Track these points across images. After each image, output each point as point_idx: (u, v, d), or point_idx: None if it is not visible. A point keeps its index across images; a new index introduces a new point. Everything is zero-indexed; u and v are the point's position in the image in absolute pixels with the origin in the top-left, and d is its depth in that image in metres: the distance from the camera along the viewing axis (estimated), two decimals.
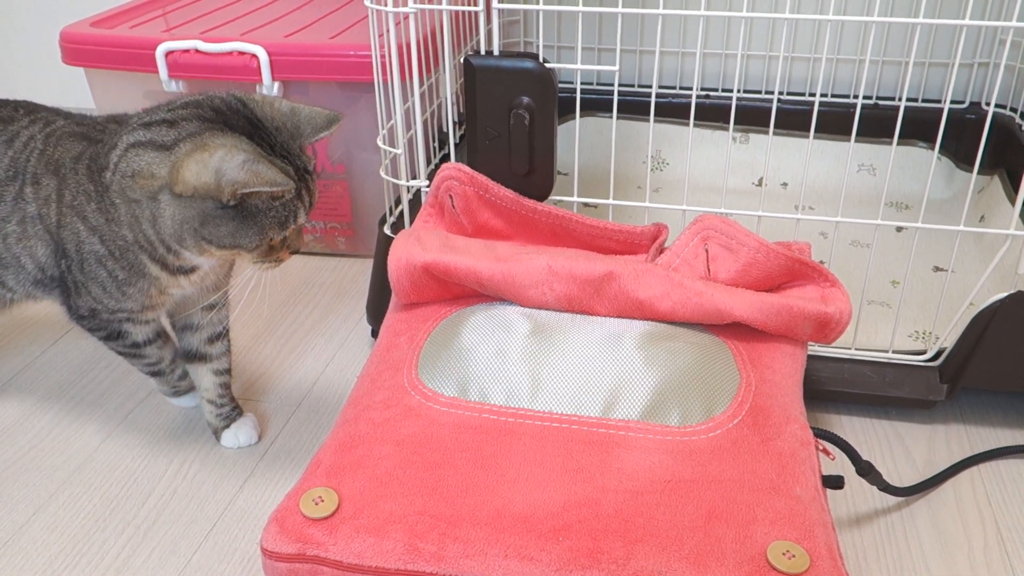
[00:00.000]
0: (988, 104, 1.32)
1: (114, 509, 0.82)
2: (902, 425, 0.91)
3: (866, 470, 0.75)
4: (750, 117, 1.37)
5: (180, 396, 0.94)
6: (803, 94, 1.38)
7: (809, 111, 1.35)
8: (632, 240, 0.86)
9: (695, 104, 0.86)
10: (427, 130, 1.12)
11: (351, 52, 1.11)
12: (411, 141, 0.97)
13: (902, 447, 0.88)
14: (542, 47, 0.87)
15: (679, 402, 0.69)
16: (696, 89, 0.84)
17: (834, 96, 1.38)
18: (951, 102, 0.87)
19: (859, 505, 0.81)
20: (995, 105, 1.30)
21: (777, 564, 0.58)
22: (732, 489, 0.63)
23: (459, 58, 1.18)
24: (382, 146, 0.97)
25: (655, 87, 0.85)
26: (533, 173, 0.89)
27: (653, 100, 0.85)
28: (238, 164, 0.66)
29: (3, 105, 0.84)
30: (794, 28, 1.37)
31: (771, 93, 1.39)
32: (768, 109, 1.36)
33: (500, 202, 0.85)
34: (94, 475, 0.86)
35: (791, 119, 1.36)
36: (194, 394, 0.92)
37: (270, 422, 0.93)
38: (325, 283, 1.20)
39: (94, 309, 0.79)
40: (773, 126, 0.87)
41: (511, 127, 0.86)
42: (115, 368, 1.02)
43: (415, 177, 0.96)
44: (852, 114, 1.32)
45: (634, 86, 1.44)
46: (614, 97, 0.85)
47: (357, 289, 1.18)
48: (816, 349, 0.91)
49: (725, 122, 1.37)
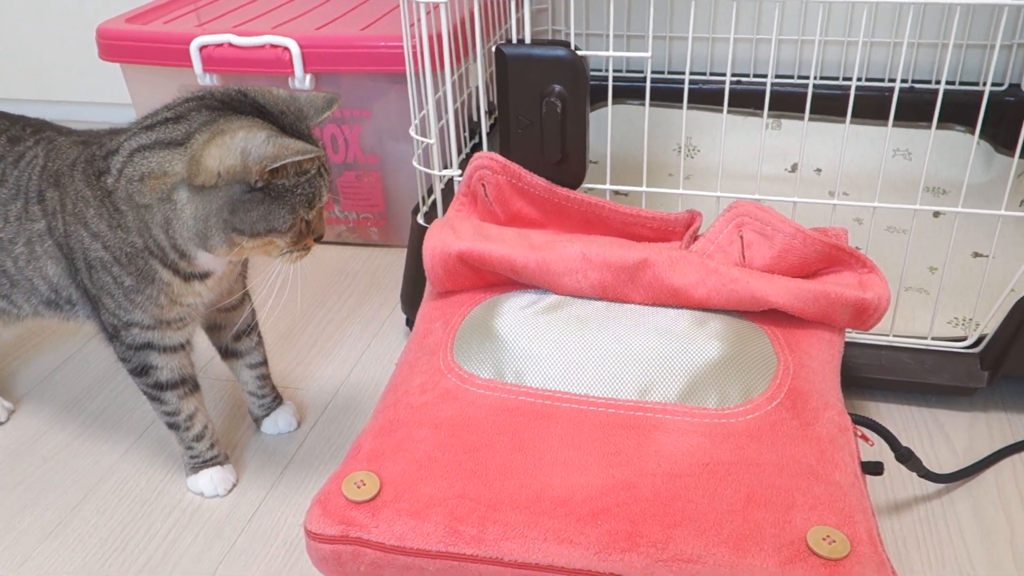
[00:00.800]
0: None
1: (160, 493, 0.84)
2: (942, 412, 0.90)
3: (906, 456, 0.75)
4: (782, 102, 1.36)
5: (197, 471, 0.83)
6: (836, 78, 1.37)
7: (842, 95, 1.33)
8: (666, 227, 0.85)
9: (727, 90, 0.86)
10: (458, 119, 1.12)
11: (382, 43, 1.11)
12: (443, 131, 0.97)
13: (942, 434, 0.87)
14: (572, 34, 0.87)
15: (716, 384, 0.69)
16: (728, 75, 0.84)
17: (868, 80, 1.36)
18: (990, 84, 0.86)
19: (898, 492, 0.80)
20: None
21: (817, 549, 0.57)
22: (771, 473, 0.63)
23: (489, 47, 1.18)
24: (415, 136, 0.97)
25: (688, 73, 0.85)
26: (565, 161, 0.89)
27: (686, 86, 0.85)
28: (262, 140, 0.65)
29: (13, 124, 0.82)
30: (827, 11, 1.36)
31: (803, 78, 1.38)
32: (799, 94, 1.34)
33: (533, 190, 0.85)
34: (140, 460, 0.88)
35: (824, 104, 1.34)
36: (219, 482, 0.83)
37: (308, 409, 0.94)
38: (358, 273, 1.21)
39: (115, 327, 0.76)
40: (807, 111, 0.86)
41: (543, 115, 0.86)
42: None
43: (447, 166, 0.97)
44: (886, 98, 1.31)
45: (663, 73, 1.43)
46: (646, 84, 0.85)
47: (390, 278, 1.19)
48: (853, 336, 0.90)
49: (756, 108, 1.36)
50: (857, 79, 1.36)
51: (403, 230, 1.26)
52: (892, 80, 1.35)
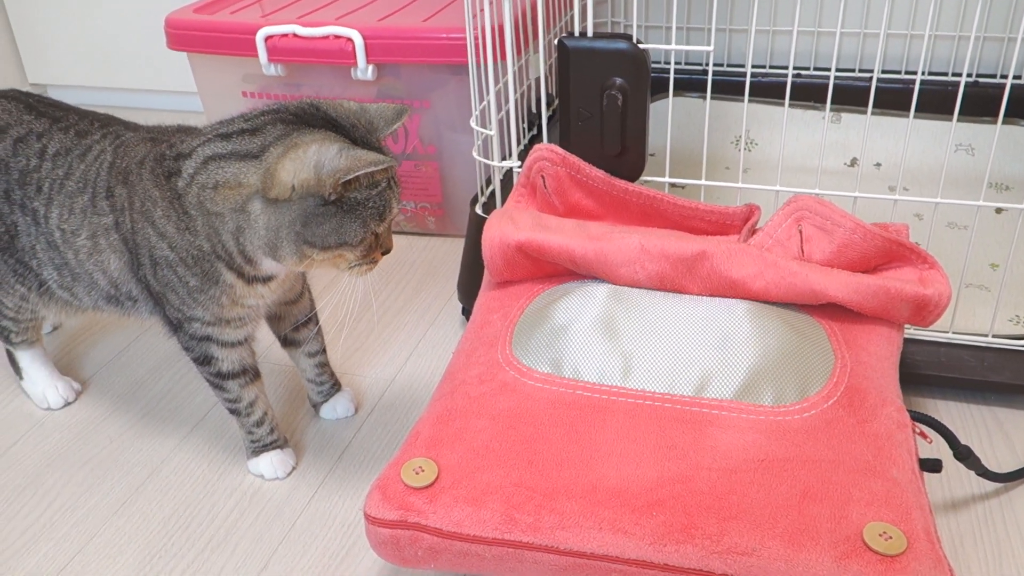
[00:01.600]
0: None
1: (222, 474, 0.86)
2: (1002, 411, 0.89)
3: (964, 454, 0.74)
4: (842, 96, 1.34)
5: (258, 455, 0.85)
6: (899, 72, 1.34)
7: (903, 90, 1.31)
8: (724, 220, 0.85)
9: (788, 83, 0.86)
10: (518, 110, 1.13)
11: (443, 35, 1.13)
12: (502, 122, 0.98)
13: (1001, 433, 0.86)
14: (635, 28, 0.87)
15: (773, 382, 0.69)
16: (791, 68, 0.84)
17: (931, 74, 1.34)
18: None
19: (956, 490, 0.79)
20: None
21: (873, 545, 0.57)
22: (827, 469, 0.63)
23: (549, 38, 1.19)
24: (475, 127, 0.98)
25: (749, 66, 0.84)
26: (625, 154, 0.89)
27: (748, 79, 0.85)
28: (335, 153, 0.65)
29: (81, 118, 0.84)
30: (891, 4, 1.34)
31: (864, 71, 1.36)
32: (859, 88, 1.33)
33: (591, 182, 0.86)
34: (202, 442, 0.91)
35: (885, 98, 1.32)
36: (278, 465, 0.85)
37: (365, 396, 0.96)
38: (416, 262, 1.23)
39: (179, 320, 0.78)
40: (871, 105, 0.85)
41: (604, 108, 0.87)
42: None
43: (507, 157, 0.97)
44: (949, 92, 1.29)
45: (723, 65, 1.42)
46: (708, 77, 0.85)
47: (447, 268, 1.21)
48: (912, 332, 0.90)
49: (815, 101, 1.34)
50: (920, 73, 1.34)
51: (460, 220, 1.27)
52: (956, 74, 1.33)
